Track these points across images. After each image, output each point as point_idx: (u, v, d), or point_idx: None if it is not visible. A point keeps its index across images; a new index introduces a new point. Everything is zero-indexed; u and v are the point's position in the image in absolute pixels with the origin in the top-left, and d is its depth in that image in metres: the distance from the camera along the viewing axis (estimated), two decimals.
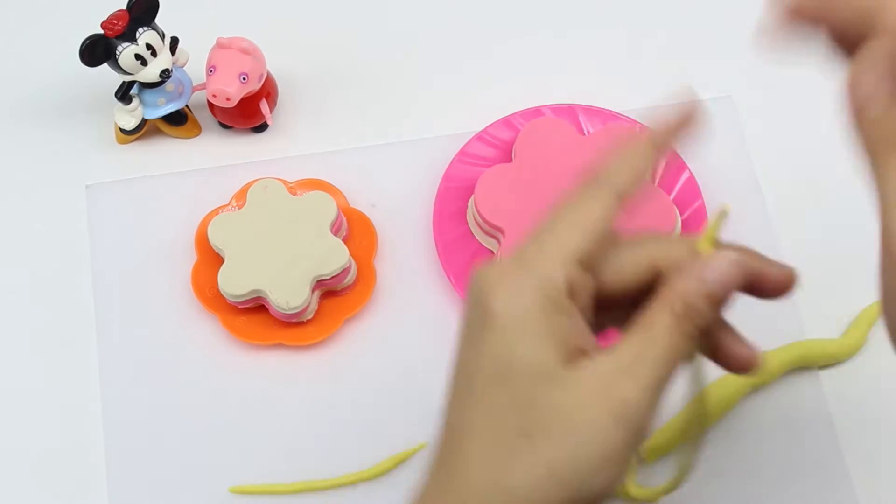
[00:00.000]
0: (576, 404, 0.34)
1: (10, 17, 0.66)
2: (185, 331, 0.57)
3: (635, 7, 0.66)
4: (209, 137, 0.62)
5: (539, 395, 0.34)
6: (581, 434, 0.34)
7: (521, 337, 0.35)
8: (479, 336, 0.35)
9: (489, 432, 0.35)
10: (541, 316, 0.35)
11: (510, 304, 0.35)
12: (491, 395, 0.35)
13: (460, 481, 0.35)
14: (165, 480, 0.54)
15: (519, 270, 0.35)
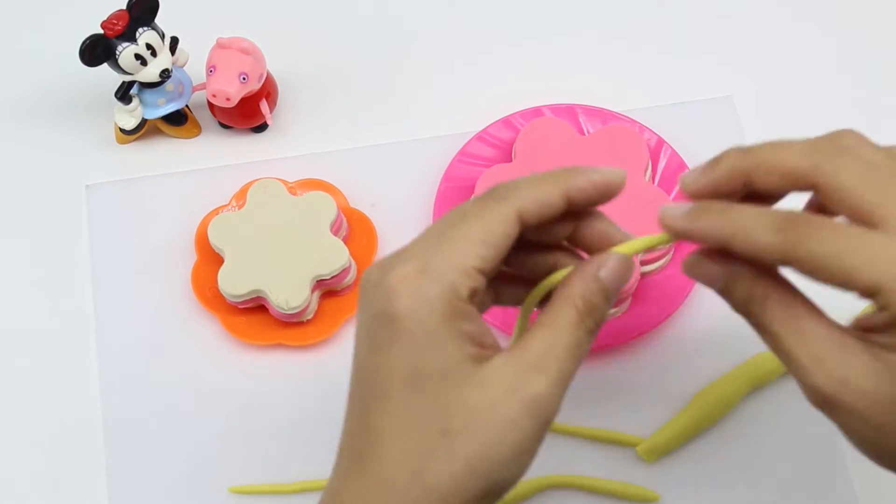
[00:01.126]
0: (490, 401, 0.36)
1: (10, 17, 0.66)
2: (185, 331, 0.57)
3: (635, 7, 0.66)
4: (209, 137, 0.62)
5: (453, 396, 0.36)
6: (496, 429, 0.36)
7: (429, 342, 0.37)
8: (386, 342, 0.37)
9: (408, 433, 0.36)
10: (446, 321, 0.37)
11: (416, 310, 0.37)
12: (407, 398, 0.37)
13: (379, 480, 0.37)
14: (165, 480, 0.54)
15: (422, 277, 0.37)
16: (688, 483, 0.53)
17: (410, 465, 0.36)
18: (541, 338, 0.37)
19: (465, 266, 0.37)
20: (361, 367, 0.38)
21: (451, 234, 0.38)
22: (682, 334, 0.56)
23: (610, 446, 0.54)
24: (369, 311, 0.38)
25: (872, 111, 0.62)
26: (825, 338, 0.37)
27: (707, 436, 0.54)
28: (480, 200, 0.39)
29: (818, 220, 0.36)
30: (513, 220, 0.38)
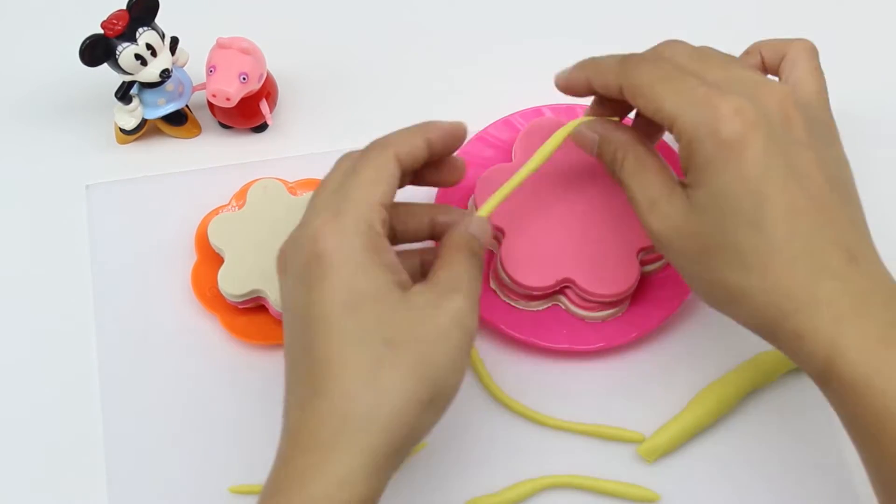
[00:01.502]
0: (421, 317, 0.43)
1: (10, 17, 0.66)
2: (185, 331, 0.57)
3: (635, 8, 0.66)
4: (209, 137, 0.62)
5: (388, 315, 0.42)
6: (432, 339, 0.43)
7: (358, 271, 0.43)
8: (318, 278, 0.42)
9: (355, 349, 0.42)
10: (369, 252, 0.43)
11: (341, 245, 0.43)
12: (347, 320, 0.42)
13: (337, 398, 0.41)
14: (165, 480, 0.54)
15: (339, 218, 0.43)
16: (688, 483, 0.53)
17: (363, 376, 0.41)
18: (446, 269, 0.45)
19: (370, 202, 0.44)
20: (297, 309, 0.43)
21: (351, 182, 0.44)
22: (682, 334, 0.56)
23: (610, 446, 0.54)
24: (296, 267, 0.44)
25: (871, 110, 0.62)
26: (660, 186, 0.46)
27: (707, 436, 0.54)
28: (364, 152, 0.46)
29: (649, 56, 0.46)
30: (394, 162, 0.45)
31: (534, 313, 0.55)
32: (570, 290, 0.54)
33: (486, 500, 0.52)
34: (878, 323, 0.42)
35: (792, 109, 0.44)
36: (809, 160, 0.44)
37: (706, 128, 0.43)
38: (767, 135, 0.43)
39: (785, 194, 0.42)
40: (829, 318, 0.42)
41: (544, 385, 0.55)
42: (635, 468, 0.53)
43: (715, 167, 0.43)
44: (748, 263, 0.43)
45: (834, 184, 0.44)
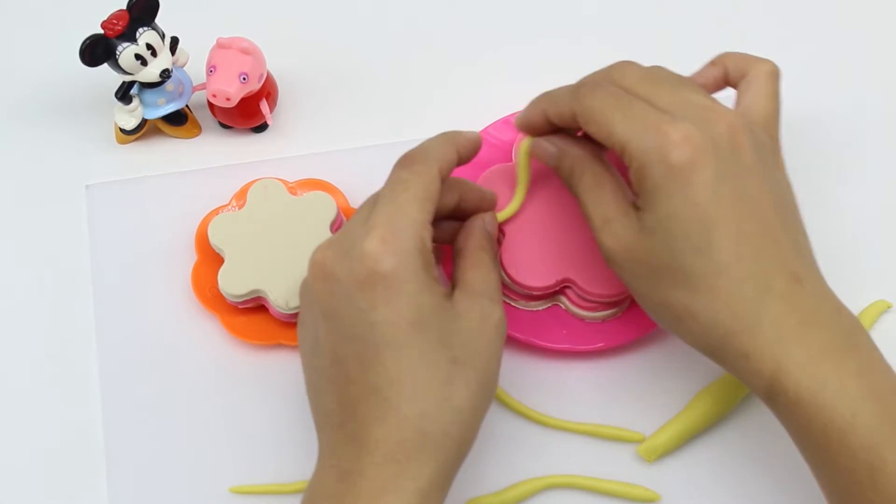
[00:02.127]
0: (474, 329, 0.45)
1: (10, 17, 0.66)
2: (185, 331, 0.57)
3: (635, 8, 0.66)
4: (209, 137, 0.62)
5: (448, 330, 0.44)
6: (485, 352, 0.45)
7: (420, 288, 0.44)
8: (383, 298, 0.43)
9: (427, 369, 0.43)
10: (425, 269, 0.44)
11: (402, 265, 0.43)
12: (417, 340, 0.43)
13: (411, 415, 0.43)
14: (165, 480, 0.54)
15: (396, 238, 0.44)
16: (688, 483, 0.53)
17: (436, 393, 0.43)
18: (474, 276, 0.47)
19: (422, 220, 0.45)
20: (354, 329, 0.43)
21: (401, 199, 0.45)
22: None
23: (610, 446, 0.54)
24: (350, 280, 0.43)
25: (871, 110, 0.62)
26: (614, 205, 0.47)
27: (707, 436, 0.54)
28: (408, 167, 0.46)
29: (601, 83, 0.47)
30: (438, 177, 0.46)
31: (534, 313, 0.55)
32: (570, 290, 0.54)
33: (486, 500, 0.52)
34: (821, 341, 0.43)
35: (740, 135, 0.45)
36: (756, 185, 0.45)
37: (655, 154, 0.44)
38: (716, 160, 0.44)
39: (732, 219, 0.44)
40: (773, 338, 0.43)
41: (544, 385, 0.55)
42: (635, 468, 0.53)
43: (664, 192, 0.44)
44: (695, 286, 0.44)
45: (779, 208, 0.45)
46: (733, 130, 0.45)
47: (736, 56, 0.52)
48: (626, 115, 0.45)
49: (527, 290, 0.54)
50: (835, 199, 0.60)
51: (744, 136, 0.45)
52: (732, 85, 0.52)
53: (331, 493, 0.43)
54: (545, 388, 0.55)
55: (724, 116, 0.45)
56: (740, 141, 0.45)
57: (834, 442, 0.42)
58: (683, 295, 0.44)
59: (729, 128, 0.45)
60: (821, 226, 0.59)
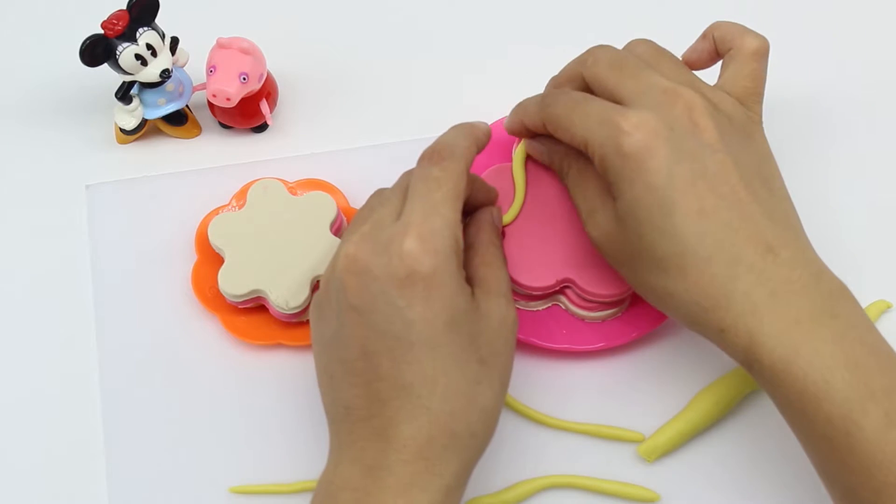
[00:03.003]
0: (495, 329, 0.46)
1: (10, 17, 0.66)
2: (185, 331, 0.57)
3: (634, 8, 0.66)
4: (209, 137, 0.62)
5: (476, 330, 0.45)
6: (507, 351, 0.47)
7: (456, 289, 0.44)
8: (422, 298, 0.43)
9: (458, 368, 0.44)
10: (459, 269, 0.45)
11: (440, 265, 0.44)
12: (452, 339, 0.44)
13: (446, 415, 0.44)
14: (165, 480, 0.54)
15: (433, 238, 0.44)
16: (688, 483, 0.53)
17: (466, 394, 0.44)
18: (490, 274, 0.48)
19: (456, 220, 0.45)
20: (389, 326, 0.44)
21: (435, 197, 0.45)
22: (682, 334, 0.56)
23: (610, 446, 0.54)
24: (387, 277, 0.44)
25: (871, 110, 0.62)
26: (596, 196, 0.49)
27: (707, 436, 0.54)
28: (438, 164, 0.46)
29: (564, 91, 0.50)
30: (466, 175, 0.47)
31: (534, 313, 0.55)
32: (570, 290, 0.54)
33: (486, 500, 0.52)
34: (793, 309, 0.44)
35: (698, 115, 0.46)
36: (720, 161, 0.45)
37: (610, 145, 0.45)
38: (669, 143, 0.45)
39: (691, 198, 0.45)
40: (745, 311, 0.44)
41: (544, 385, 0.55)
42: (635, 468, 0.53)
43: (624, 181, 0.45)
44: (666, 268, 0.46)
45: (750, 181, 0.46)
46: (691, 111, 0.46)
47: (724, 27, 0.52)
48: (583, 113, 0.47)
49: (527, 290, 0.54)
50: (835, 198, 0.60)
51: (702, 116, 0.46)
52: (721, 57, 0.53)
53: (355, 486, 0.44)
54: (545, 388, 0.55)
55: (682, 98, 0.46)
56: (699, 121, 0.46)
57: (810, 409, 0.43)
58: (658, 277, 0.46)
59: (686, 108, 0.46)
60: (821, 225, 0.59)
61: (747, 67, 0.50)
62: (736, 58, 0.51)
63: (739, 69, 0.50)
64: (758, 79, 0.51)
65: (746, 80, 0.50)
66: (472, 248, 0.49)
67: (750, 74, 0.50)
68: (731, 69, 0.51)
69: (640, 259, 0.47)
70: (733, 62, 0.51)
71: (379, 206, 0.47)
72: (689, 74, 0.50)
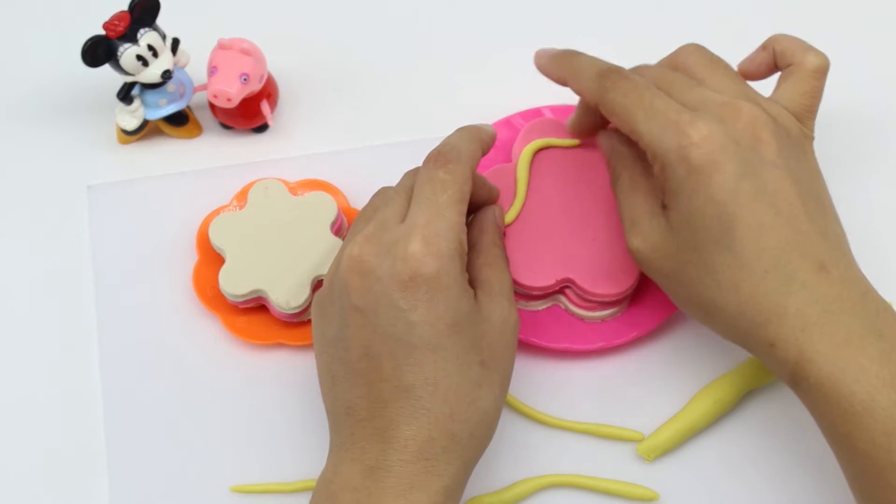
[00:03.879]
0: (497, 332, 0.46)
1: (11, 17, 0.67)
2: (185, 330, 0.57)
3: (634, 9, 0.66)
4: (210, 138, 0.62)
5: (478, 332, 0.45)
6: (507, 353, 0.47)
7: (459, 292, 0.45)
8: (425, 300, 0.44)
9: (459, 371, 0.44)
10: (463, 272, 0.45)
11: (444, 268, 0.44)
12: (454, 342, 0.44)
13: (447, 417, 0.44)
14: (166, 480, 0.54)
15: (437, 240, 0.44)
16: (687, 482, 0.53)
17: (466, 396, 0.44)
18: (492, 276, 0.48)
19: (460, 223, 0.45)
20: (392, 328, 0.44)
21: (441, 200, 0.45)
22: (682, 334, 0.56)
23: (609, 446, 0.54)
24: (391, 279, 0.44)
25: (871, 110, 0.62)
26: (644, 208, 0.48)
27: (707, 435, 0.54)
28: (444, 166, 0.46)
29: (630, 75, 0.48)
30: (471, 177, 0.47)
31: (534, 313, 0.55)
32: (569, 290, 0.54)
33: (486, 500, 0.52)
34: (844, 328, 0.44)
35: (761, 130, 0.46)
36: (779, 178, 0.45)
37: (676, 154, 0.45)
38: (735, 158, 0.45)
39: (753, 213, 0.45)
40: (796, 327, 0.44)
41: (544, 385, 0.55)
42: (634, 467, 0.53)
43: (686, 191, 0.45)
44: (720, 280, 0.45)
45: (806, 198, 0.46)
46: (754, 126, 0.46)
47: (785, 41, 0.52)
48: (648, 113, 0.46)
49: (527, 290, 0.54)
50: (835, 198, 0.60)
51: (764, 131, 0.46)
52: (778, 70, 0.52)
53: (355, 486, 0.44)
54: (545, 388, 0.55)
55: (745, 113, 0.46)
56: (761, 136, 0.46)
57: (854, 427, 0.43)
58: (709, 290, 0.46)
59: (749, 124, 0.46)
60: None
61: (807, 84, 0.50)
62: (795, 73, 0.51)
63: (798, 85, 0.50)
64: (816, 96, 0.50)
65: (805, 97, 0.50)
66: (474, 248, 0.49)
67: (809, 91, 0.50)
68: (790, 84, 0.50)
69: (690, 271, 0.46)
70: (792, 77, 0.51)
71: (383, 206, 0.47)
72: (744, 86, 0.49)
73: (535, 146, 0.56)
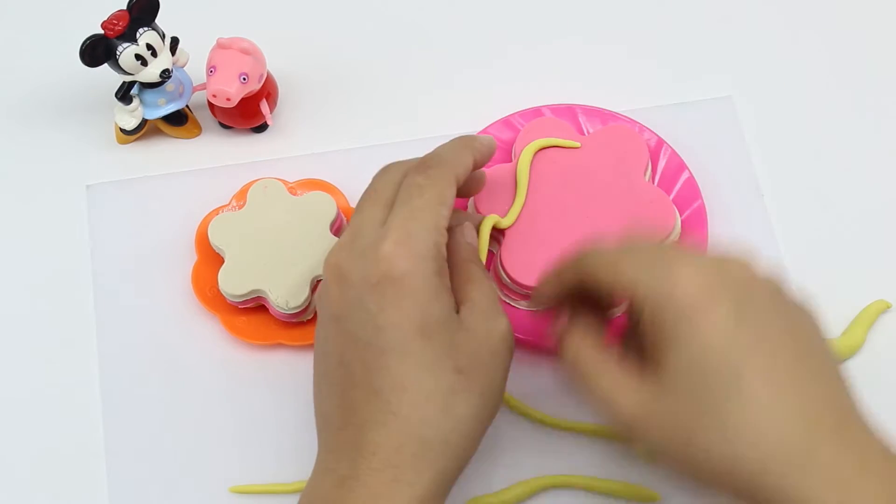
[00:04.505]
0: (480, 341, 0.45)
1: (10, 17, 0.66)
2: (185, 331, 0.57)
3: (635, 8, 0.66)
4: (209, 137, 0.62)
5: (454, 340, 0.44)
6: (491, 363, 0.45)
7: (431, 296, 0.43)
8: (393, 302, 0.43)
9: (430, 376, 0.43)
10: (438, 276, 0.44)
11: (415, 270, 0.43)
12: (423, 346, 0.43)
13: (417, 423, 0.43)
14: (165, 480, 0.54)
15: (410, 242, 0.43)
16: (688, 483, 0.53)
17: (439, 402, 0.43)
18: (473, 290, 0.46)
19: (436, 225, 0.45)
20: (362, 332, 0.43)
21: (416, 203, 0.45)
22: None
23: (610, 446, 0.54)
24: (362, 282, 0.43)
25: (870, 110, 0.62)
26: (624, 373, 0.44)
27: None
28: (423, 172, 0.46)
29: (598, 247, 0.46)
30: (454, 184, 0.46)
31: (534, 313, 0.55)
32: None
33: (486, 500, 0.52)
34: (885, 486, 0.40)
35: (754, 279, 0.43)
36: (780, 326, 0.42)
37: (666, 294, 0.42)
38: (732, 300, 0.41)
39: (761, 357, 0.41)
40: (834, 481, 0.39)
41: (544, 385, 0.55)
42: (635, 468, 0.53)
43: (681, 338, 0.41)
44: (734, 435, 0.40)
45: (811, 347, 0.43)
46: (747, 273, 0.43)
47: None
48: (633, 258, 0.44)
49: (527, 290, 0.54)
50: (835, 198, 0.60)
51: (757, 280, 0.43)
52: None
53: (326, 497, 0.43)
54: (545, 388, 0.55)
55: (737, 262, 0.43)
56: (755, 283, 0.43)
57: None
58: (720, 446, 0.40)
59: (742, 271, 0.43)
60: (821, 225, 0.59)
61: None
62: None
63: None
64: None
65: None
66: (452, 268, 0.47)
67: None
68: None
69: (696, 429, 0.41)
70: None
71: (361, 213, 0.47)
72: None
73: (535, 146, 0.56)
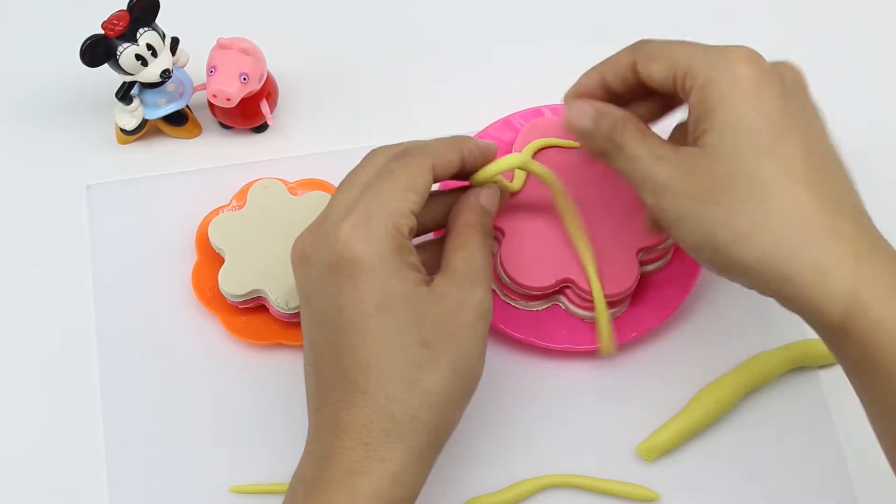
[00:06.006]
0: (450, 313, 0.44)
1: (10, 17, 0.66)
2: (185, 331, 0.57)
3: (635, 8, 0.66)
4: (209, 138, 0.62)
5: (420, 313, 0.44)
6: (463, 334, 0.44)
7: (389, 273, 0.44)
8: (350, 283, 0.43)
9: (394, 352, 0.43)
10: (397, 255, 0.44)
11: (372, 250, 0.43)
12: (383, 322, 0.43)
13: (378, 399, 0.43)
14: (165, 480, 0.54)
15: (369, 223, 0.44)
16: (688, 483, 0.53)
17: (405, 377, 0.43)
18: (461, 258, 0.46)
19: (401, 209, 0.44)
20: (325, 309, 0.44)
21: (384, 185, 0.45)
22: (682, 334, 0.56)
23: (610, 446, 0.54)
24: (322, 265, 0.44)
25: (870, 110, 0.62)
26: (665, 145, 0.45)
27: (707, 435, 0.54)
28: (402, 155, 0.46)
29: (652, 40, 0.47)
30: (429, 172, 0.46)
31: (534, 313, 0.55)
32: (569, 290, 0.54)
33: (486, 500, 0.52)
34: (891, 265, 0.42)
35: (801, 80, 0.45)
36: (816, 125, 0.45)
37: (722, 67, 0.43)
38: (781, 85, 0.44)
39: (800, 134, 0.43)
40: (853, 253, 0.41)
41: (544, 385, 0.55)
42: (634, 467, 0.53)
43: (730, 104, 0.43)
44: (766, 193, 0.42)
45: (835, 152, 0.45)
46: (798, 73, 0.45)
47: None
48: (686, 45, 0.45)
49: (526, 290, 0.54)
50: None
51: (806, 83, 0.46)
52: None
53: (306, 477, 0.44)
54: (545, 388, 0.55)
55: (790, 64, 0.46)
56: (804, 83, 0.45)
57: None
58: (751, 206, 0.42)
59: (793, 71, 0.45)
60: None
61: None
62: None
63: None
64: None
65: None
66: (448, 233, 0.48)
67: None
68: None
69: (730, 186, 0.42)
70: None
71: (335, 195, 0.47)
72: None
73: (535, 146, 0.56)
